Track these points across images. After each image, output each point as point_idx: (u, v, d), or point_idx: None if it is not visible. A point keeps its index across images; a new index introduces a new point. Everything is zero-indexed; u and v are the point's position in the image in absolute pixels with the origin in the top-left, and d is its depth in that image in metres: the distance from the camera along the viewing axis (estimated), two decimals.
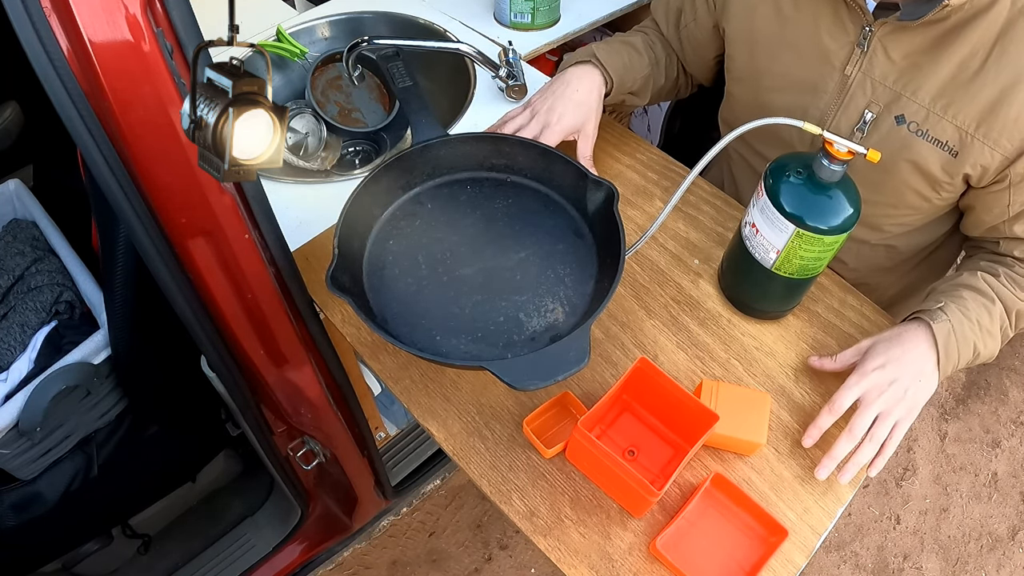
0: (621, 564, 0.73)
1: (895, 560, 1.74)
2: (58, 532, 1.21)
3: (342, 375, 1.06)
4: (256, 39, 1.26)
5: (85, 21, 0.57)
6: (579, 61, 1.02)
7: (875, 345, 0.81)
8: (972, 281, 0.84)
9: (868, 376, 0.78)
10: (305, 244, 0.98)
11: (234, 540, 1.48)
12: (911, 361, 0.78)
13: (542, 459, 0.80)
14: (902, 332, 0.81)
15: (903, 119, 0.83)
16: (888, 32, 0.81)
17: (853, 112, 0.87)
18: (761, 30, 0.93)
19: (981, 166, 0.81)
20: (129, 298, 1.00)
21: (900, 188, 0.88)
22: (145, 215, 0.72)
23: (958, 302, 0.82)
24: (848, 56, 0.86)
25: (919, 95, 0.82)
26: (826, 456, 0.77)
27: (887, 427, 0.77)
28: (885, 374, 0.78)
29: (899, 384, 0.77)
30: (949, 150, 0.82)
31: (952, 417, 2.00)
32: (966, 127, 0.80)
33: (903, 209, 0.92)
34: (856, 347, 0.83)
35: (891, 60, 0.83)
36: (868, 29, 0.82)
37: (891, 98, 0.84)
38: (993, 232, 0.88)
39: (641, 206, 1.04)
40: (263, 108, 0.54)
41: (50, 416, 1.06)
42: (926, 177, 0.85)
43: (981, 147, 0.80)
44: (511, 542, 1.70)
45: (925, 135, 0.82)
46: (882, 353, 0.79)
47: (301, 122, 1.22)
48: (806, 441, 0.79)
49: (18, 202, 1.35)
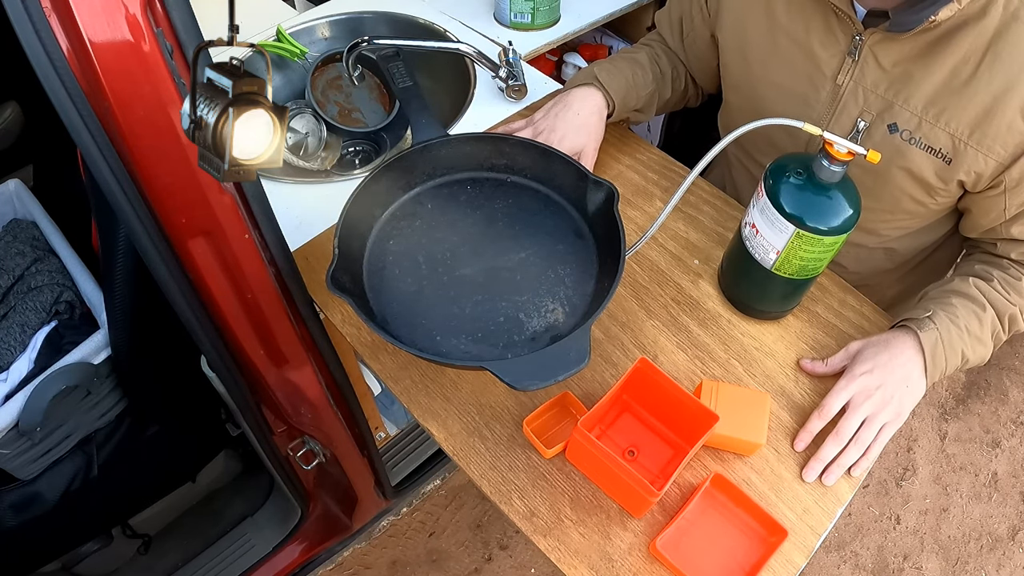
0: (621, 564, 0.73)
1: (895, 560, 1.74)
2: (58, 532, 1.21)
3: (342, 375, 1.06)
4: (256, 39, 1.26)
5: (85, 21, 0.57)
6: (581, 84, 1.01)
7: (864, 349, 0.82)
8: (963, 288, 0.84)
9: (856, 380, 0.79)
10: (305, 244, 0.98)
11: (234, 540, 1.48)
12: (897, 367, 0.79)
13: (542, 459, 0.80)
14: (890, 339, 0.82)
15: (896, 127, 0.83)
16: (878, 40, 0.81)
17: (846, 121, 0.87)
18: (753, 40, 0.93)
19: (975, 172, 0.81)
20: (129, 298, 1.00)
21: (896, 195, 0.88)
22: (145, 215, 0.72)
23: (947, 309, 0.82)
24: (839, 65, 0.86)
25: (911, 103, 0.81)
26: (813, 458, 0.78)
27: (873, 431, 0.78)
28: (872, 379, 0.79)
29: (886, 389, 0.78)
30: (943, 157, 0.82)
31: (952, 417, 2.00)
32: (959, 134, 0.79)
33: (899, 214, 0.92)
34: (845, 350, 0.84)
35: (882, 68, 0.83)
36: (858, 38, 0.82)
37: (883, 107, 0.84)
38: (990, 234, 0.88)
39: (641, 206, 1.04)
40: (263, 108, 0.54)
41: (50, 416, 1.06)
42: (921, 184, 0.86)
43: (975, 154, 0.80)
44: (511, 542, 1.70)
45: (918, 143, 0.82)
46: (870, 358, 0.80)
47: (301, 122, 1.22)
48: (797, 445, 0.80)
49: (18, 202, 1.35)
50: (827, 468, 0.78)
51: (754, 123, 0.77)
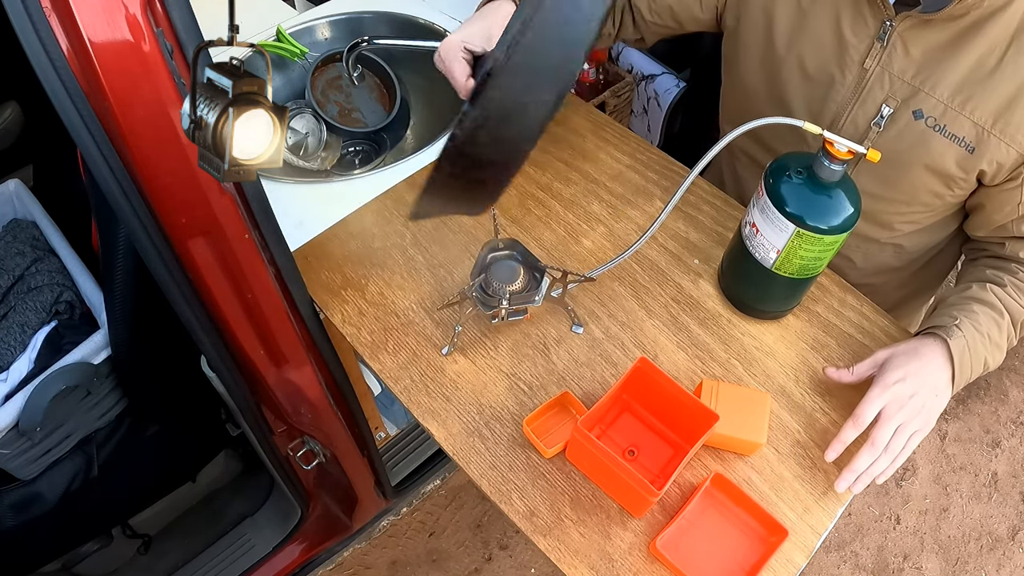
0: (621, 564, 0.73)
1: (895, 560, 1.74)
2: (58, 532, 1.21)
3: (342, 375, 1.06)
4: (256, 39, 1.26)
5: (85, 21, 0.57)
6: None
7: (893, 358, 0.80)
8: (982, 295, 0.84)
9: (890, 389, 0.77)
10: (305, 244, 0.98)
11: (234, 540, 1.48)
12: (928, 375, 0.78)
13: (542, 459, 0.80)
14: (919, 346, 0.81)
15: (921, 114, 0.84)
16: (909, 27, 0.82)
17: (871, 106, 0.87)
18: (780, 20, 0.92)
19: (997, 162, 0.82)
20: (129, 298, 1.00)
21: (915, 184, 0.88)
22: (145, 215, 0.72)
23: (971, 317, 0.82)
24: (868, 50, 0.86)
25: (937, 90, 0.82)
26: (847, 469, 0.77)
27: (904, 439, 0.77)
28: (905, 387, 0.77)
29: (918, 398, 0.77)
30: (966, 146, 0.82)
31: (952, 417, 2.00)
32: (983, 123, 0.80)
33: (915, 207, 0.92)
34: (872, 359, 0.82)
35: (910, 55, 0.83)
36: (889, 24, 0.83)
37: (909, 93, 0.84)
38: (1000, 232, 0.88)
39: (641, 206, 1.04)
40: (263, 108, 0.54)
41: (50, 416, 1.06)
42: (941, 174, 0.86)
43: (998, 143, 0.80)
44: (511, 542, 1.70)
45: (942, 130, 0.83)
46: (901, 366, 0.79)
47: (301, 122, 1.22)
48: (829, 455, 0.78)
49: (18, 202, 1.35)
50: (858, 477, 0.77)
51: (754, 123, 0.77)
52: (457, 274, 0.95)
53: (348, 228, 1.01)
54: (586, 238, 1.00)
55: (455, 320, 0.89)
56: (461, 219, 1.01)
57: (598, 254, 0.98)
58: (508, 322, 0.90)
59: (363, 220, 1.02)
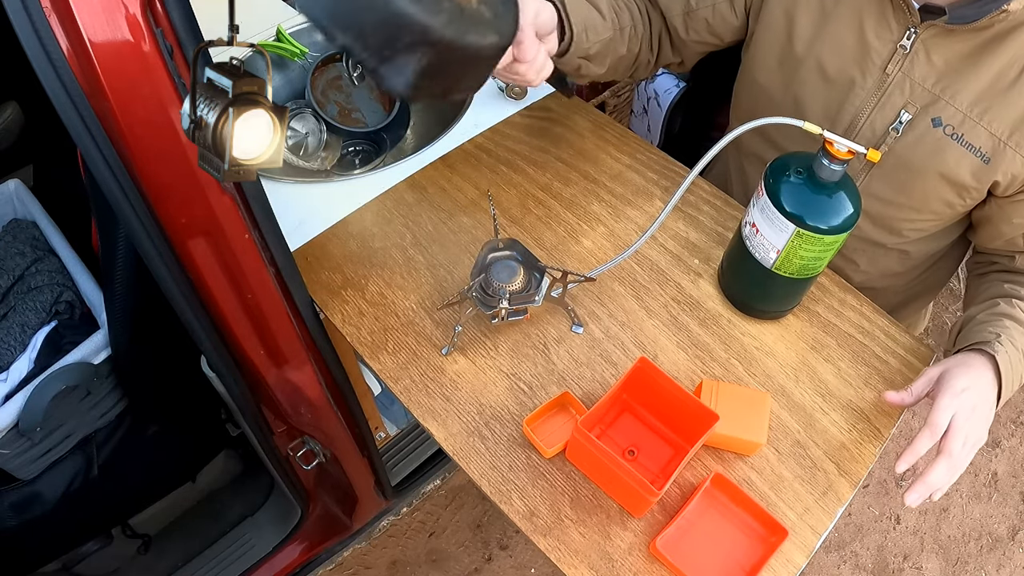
0: (621, 564, 0.73)
1: (895, 560, 1.74)
2: (58, 532, 1.21)
3: (342, 375, 1.06)
4: (256, 39, 1.26)
5: (85, 21, 0.57)
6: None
7: (950, 370, 0.79)
8: (1011, 311, 0.84)
9: (959, 397, 0.76)
10: (305, 244, 0.98)
11: (234, 540, 1.48)
12: (984, 387, 0.78)
13: (542, 459, 0.80)
14: (969, 360, 0.80)
15: (939, 121, 0.84)
16: (932, 35, 0.82)
17: (890, 111, 0.87)
18: (802, 21, 0.91)
19: (1012, 174, 0.82)
20: (129, 298, 1.00)
21: (927, 192, 0.88)
22: (145, 215, 0.72)
23: (1006, 332, 0.81)
24: (890, 55, 0.85)
25: (957, 99, 0.82)
26: (920, 484, 0.74)
27: (970, 452, 0.75)
28: (971, 397, 0.76)
29: (980, 410, 0.76)
30: (981, 156, 0.82)
31: None
32: (1000, 134, 0.81)
33: (926, 214, 0.91)
34: (926, 376, 0.80)
35: (932, 63, 0.83)
36: (913, 31, 0.83)
37: (929, 100, 0.84)
38: (1010, 245, 0.88)
39: (641, 206, 1.04)
40: (263, 108, 0.54)
41: (50, 416, 1.06)
42: (955, 183, 0.86)
43: (1013, 155, 0.81)
44: (511, 542, 1.70)
45: (960, 139, 0.83)
46: (962, 376, 0.78)
47: (301, 122, 1.22)
48: (900, 466, 0.74)
49: (18, 202, 1.35)
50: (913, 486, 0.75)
51: (753, 123, 0.77)
52: (457, 274, 0.95)
53: (348, 228, 1.01)
54: (586, 238, 1.00)
55: (455, 320, 0.89)
56: (461, 219, 1.01)
57: (598, 254, 0.98)
58: (508, 322, 0.90)
59: (363, 220, 1.02)
